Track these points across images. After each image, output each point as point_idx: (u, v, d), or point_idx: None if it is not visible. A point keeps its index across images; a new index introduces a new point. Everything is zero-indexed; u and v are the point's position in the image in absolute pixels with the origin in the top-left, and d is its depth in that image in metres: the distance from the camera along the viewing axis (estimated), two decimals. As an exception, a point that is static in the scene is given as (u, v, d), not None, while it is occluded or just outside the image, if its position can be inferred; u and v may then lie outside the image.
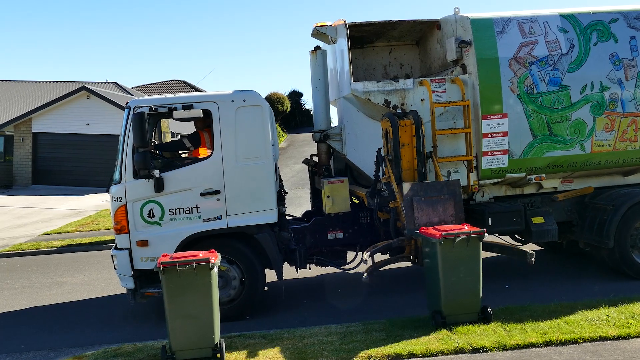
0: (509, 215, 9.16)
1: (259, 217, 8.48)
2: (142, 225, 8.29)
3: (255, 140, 8.44)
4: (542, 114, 8.99)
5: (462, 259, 7.20)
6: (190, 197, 8.31)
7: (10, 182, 31.41)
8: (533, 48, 9.01)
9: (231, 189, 8.37)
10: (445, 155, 9.05)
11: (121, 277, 8.42)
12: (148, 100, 8.41)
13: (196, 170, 8.38)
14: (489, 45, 8.94)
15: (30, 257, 14.77)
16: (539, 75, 8.97)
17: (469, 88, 9.04)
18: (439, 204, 8.04)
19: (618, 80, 9.13)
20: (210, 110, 8.38)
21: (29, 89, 37.83)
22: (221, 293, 8.37)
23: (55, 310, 9.79)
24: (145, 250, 8.30)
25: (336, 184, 9.13)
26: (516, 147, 9.01)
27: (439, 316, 7.27)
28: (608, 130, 9.19)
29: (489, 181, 9.18)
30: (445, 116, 9.10)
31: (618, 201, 9.25)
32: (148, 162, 7.97)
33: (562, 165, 9.21)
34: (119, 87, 38.98)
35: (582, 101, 9.06)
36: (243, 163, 8.40)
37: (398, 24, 10.03)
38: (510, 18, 9.08)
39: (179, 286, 6.57)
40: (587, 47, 9.11)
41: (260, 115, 8.46)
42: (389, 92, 8.98)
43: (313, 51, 9.73)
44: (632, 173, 9.79)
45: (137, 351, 7.15)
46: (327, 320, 8.08)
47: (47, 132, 30.62)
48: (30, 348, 7.80)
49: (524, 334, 6.88)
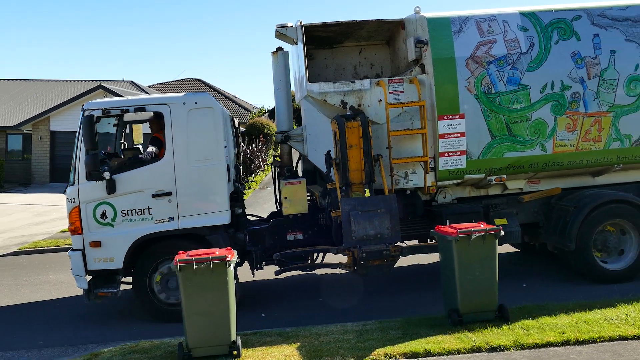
0: (468, 217, 9.01)
1: (211, 218, 8.52)
2: (95, 226, 8.40)
3: (207, 142, 8.48)
4: (500, 114, 8.85)
5: (478, 257, 7.17)
6: (142, 198, 8.39)
7: (29, 180, 32.09)
8: (491, 47, 8.87)
9: (183, 191, 8.42)
10: (403, 156, 8.98)
11: (76, 277, 8.53)
12: (101, 103, 8.50)
13: (148, 172, 8.45)
14: (445, 45, 8.83)
15: (48, 254, 15.00)
16: (497, 75, 8.83)
17: (426, 88, 8.95)
18: (375, 217, 8.09)
19: (580, 79, 8.94)
20: (163, 112, 8.44)
21: (47, 88, 38.52)
22: (176, 294, 8.50)
23: (72, 307, 9.91)
24: (98, 251, 8.40)
25: (293, 186, 9.13)
26: (474, 147, 8.89)
27: (456, 314, 7.23)
28: (570, 131, 9.00)
29: (448, 182, 9.08)
30: (404, 117, 9.03)
31: (581, 203, 9.08)
32: (97, 164, 8.08)
33: (523, 166, 9.06)
34: (135, 85, 39.43)
35: (542, 101, 8.90)
36: (194, 165, 8.44)
37: (364, 24, 9.95)
38: (469, 17, 8.96)
39: (196, 284, 6.58)
40: (548, 46, 8.93)
41: (212, 118, 8.49)
42: (346, 92, 8.94)
43: (274, 52, 9.74)
44: (601, 174, 9.57)
45: (154, 348, 7.21)
46: (342, 318, 8.11)
47: (64, 131, 31.18)
48: (49, 344, 7.93)
49: (542, 333, 6.81)
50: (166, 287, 8.56)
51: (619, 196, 9.15)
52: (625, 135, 9.09)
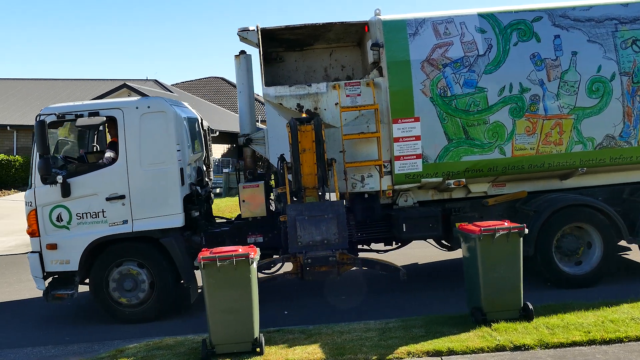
0: (425, 221, 9.00)
1: (164, 221, 8.60)
2: (52, 229, 8.56)
3: (159, 146, 8.56)
4: (456, 117, 8.75)
5: (502, 255, 7.14)
6: (97, 201, 8.52)
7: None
8: (447, 49, 8.77)
9: (136, 194, 8.53)
10: (360, 159, 8.95)
11: (35, 279, 8.70)
12: (56, 108, 8.64)
13: (102, 176, 8.57)
14: (400, 48, 8.77)
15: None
16: (454, 78, 8.73)
17: (382, 91, 8.90)
18: (322, 222, 8.04)
19: (540, 81, 8.79)
20: (116, 117, 8.55)
21: (72, 88, 39.25)
22: (130, 295, 8.62)
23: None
24: (55, 253, 8.57)
25: (251, 189, 9.15)
26: (430, 151, 8.81)
27: (479, 313, 7.20)
28: (530, 134, 8.86)
29: (405, 186, 9.02)
30: (360, 120, 8.99)
31: (541, 207, 8.92)
32: (50, 168, 8.22)
33: (482, 170, 8.94)
34: (158, 84, 39.95)
35: (500, 103, 8.77)
36: (147, 168, 8.54)
37: (329, 27, 9.92)
38: (425, 19, 8.88)
39: (219, 281, 6.64)
40: (507, 48, 8.80)
41: (165, 122, 8.57)
42: (302, 96, 8.94)
43: (237, 56, 9.76)
44: (568, 177, 9.39)
45: (178, 344, 7.29)
46: (365, 316, 8.10)
47: (89, 129, 31.61)
48: (75, 340, 8.09)
49: (567, 332, 6.75)
50: (122, 289, 8.66)
51: (580, 200, 8.97)
52: (587, 138, 8.91)
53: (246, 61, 9.74)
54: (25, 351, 7.74)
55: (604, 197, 9.39)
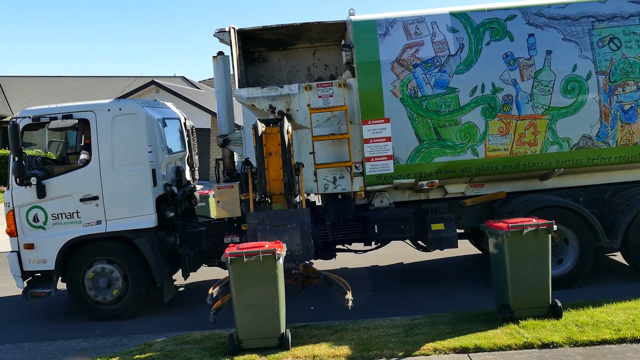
0: (397, 222, 8.98)
1: (136, 222, 8.75)
2: (29, 229, 8.78)
3: (131, 148, 8.70)
4: (427, 118, 8.68)
5: (530, 252, 7.12)
6: (71, 202, 8.71)
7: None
8: (418, 50, 8.70)
9: (108, 195, 8.69)
10: (332, 160, 8.95)
11: (14, 277, 8.94)
12: (31, 110, 8.84)
13: (75, 177, 8.75)
14: (370, 48, 8.72)
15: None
16: (424, 78, 8.65)
17: (353, 92, 8.87)
18: (285, 232, 7.76)
19: (513, 80, 8.65)
20: (89, 119, 8.71)
21: (102, 85, 39.98)
22: (105, 293, 8.81)
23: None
24: (32, 252, 8.80)
25: (225, 189, 9.22)
26: (401, 152, 8.75)
27: (507, 310, 7.20)
28: (503, 134, 8.73)
29: (377, 187, 8.98)
30: (332, 121, 8.99)
31: (515, 209, 8.79)
32: (23, 170, 8.44)
33: (455, 171, 8.85)
34: (186, 81, 40.35)
35: (471, 104, 8.66)
36: (119, 170, 8.69)
37: (308, 26, 9.92)
38: (396, 19, 8.81)
39: (246, 276, 6.73)
40: (479, 47, 8.68)
41: (136, 123, 8.70)
42: (274, 97, 8.96)
43: (215, 57, 9.83)
44: (548, 177, 9.23)
45: (205, 339, 7.44)
46: (391, 312, 8.15)
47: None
48: (105, 334, 8.29)
49: (597, 330, 6.71)
50: (97, 287, 8.84)
51: (555, 202, 8.83)
52: (563, 139, 8.74)
53: (223, 62, 9.80)
54: (57, 344, 7.95)
55: (586, 198, 9.23)
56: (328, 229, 9.30)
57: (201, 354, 6.92)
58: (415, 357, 6.46)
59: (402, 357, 6.46)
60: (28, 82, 41.61)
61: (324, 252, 9.49)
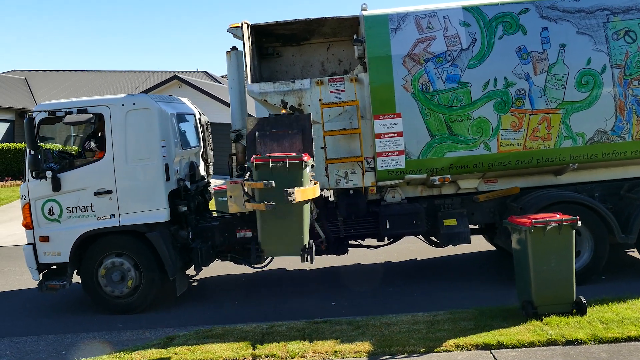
0: (408, 217, 8.95)
1: (149, 216, 8.82)
2: (44, 222, 8.91)
3: (144, 142, 8.77)
4: (439, 112, 8.63)
5: (554, 248, 7.14)
6: (86, 196, 8.82)
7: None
8: (430, 44, 8.65)
9: (122, 189, 8.78)
10: (343, 155, 8.95)
11: (30, 269, 9.08)
12: (46, 105, 8.97)
13: (90, 171, 8.85)
14: (381, 43, 8.69)
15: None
16: (436, 73, 8.61)
17: (365, 87, 8.86)
18: (285, 138, 7.65)
19: (525, 75, 8.57)
20: (103, 113, 8.81)
21: (125, 79, 40.34)
22: (119, 287, 8.92)
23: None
24: (47, 245, 8.93)
25: (238, 184, 9.22)
26: (413, 147, 8.72)
27: (530, 306, 7.20)
28: (516, 129, 8.65)
29: (388, 182, 8.96)
30: (344, 116, 8.99)
31: (528, 204, 8.73)
32: (39, 164, 8.56)
33: (467, 166, 8.80)
34: (208, 75, 40.55)
35: (484, 98, 8.60)
36: (132, 164, 8.77)
37: (322, 21, 9.92)
38: (408, 13, 8.77)
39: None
40: (491, 41, 8.61)
41: (150, 118, 8.77)
42: (285, 92, 8.99)
43: (228, 52, 9.86)
44: (562, 172, 9.14)
45: (227, 333, 7.52)
46: (410, 308, 8.16)
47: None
48: (127, 327, 8.39)
49: (622, 327, 6.68)
50: (112, 282, 8.94)
51: (567, 197, 8.74)
52: (577, 134, 8.65)
53: (237, 57, 9.83)
54: (80, 336, 8.07)
55: (601, 193, 9.13)
56: (340, 224, 9.32)
57: (223, 348, 6.98)
58: (437, 353, 6.45)
59: (423, 354, 6.45)
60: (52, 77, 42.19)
61: (337, 247, 9.52)
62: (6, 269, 12.64)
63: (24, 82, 39.92)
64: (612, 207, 8.87)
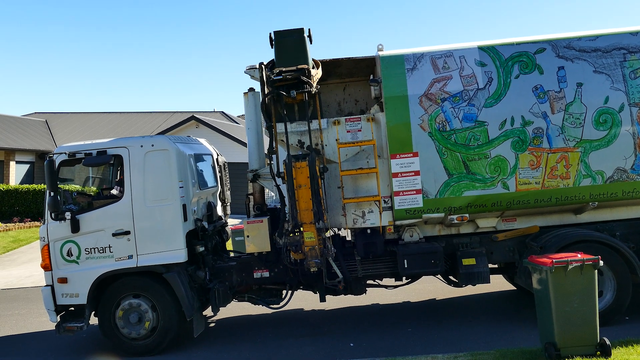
0: (427, 257, 8.87)
1: (166, 256, 8.83)
2: (62, 263, 8.94)
3: (163, 183, 8.83)
4: (456, 151, 8.62)
5: (576, 288, 7.07)
6: (104, 237, 8.85)
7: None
8: (446, 84, 8.69)
9: (140, 230, 8.81)
10: (361, 195, 8.94)
11: (48, 311, 9.08)
12: (67, 147, 9.08)
13: (108, 212, 8.91)
14: (398, 83, 8.74)
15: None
16: (452, 112, 8.62)
17: (382, 126, 8.89)
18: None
19: (543, 113, 8.55)
20: (122, 155, 8.89)
21: (144, 120, 40.86)
22: (136, 328, 8.88)
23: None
24: (65, 286, 8.94)
25: (255, 224, 9.25)
26: (430, 186, 8.69)
27: (553, 348, 7.08)
28: (534, 168, 8.61)
29: (406, 221, 8.91)
30: (361, 155, 9.01)
31: (548, 243, 8.62)
32: (58, 205, 8.63)
33: (485, 205, 8.74)
34: (225, 115, 40.97)
35: (501, 137, 8.58)
36: (151, 205, 8.81)
37: (339, 62, 10.03)
38: (424, 54, 8.84)
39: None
40: (508, 80, 8.63)
41: (168, 159, 8.84)
42: (302, 132, 9.03)
43: (245, 93, 9.97)
44: (582, 211, 9.05)
45: None
46: (433, 349, 8.15)
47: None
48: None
49: None
50: (129, 323, 8.91)
51: (589, 236, 8.62)
52: (596, 172, 8.58)
53: (254, 98, 9.94)
54: None
55: (622, 232, 9.00)
56: (357, 264, 9.27)
57: None
58: (457, 394, 6.33)
59: (445, 395, 6.34)
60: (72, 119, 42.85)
61: (355, 287, 9.44)
62: (24, 310, 12.65)
63: (45, 124, 40.53)
64: (634, 246, 8.75)
